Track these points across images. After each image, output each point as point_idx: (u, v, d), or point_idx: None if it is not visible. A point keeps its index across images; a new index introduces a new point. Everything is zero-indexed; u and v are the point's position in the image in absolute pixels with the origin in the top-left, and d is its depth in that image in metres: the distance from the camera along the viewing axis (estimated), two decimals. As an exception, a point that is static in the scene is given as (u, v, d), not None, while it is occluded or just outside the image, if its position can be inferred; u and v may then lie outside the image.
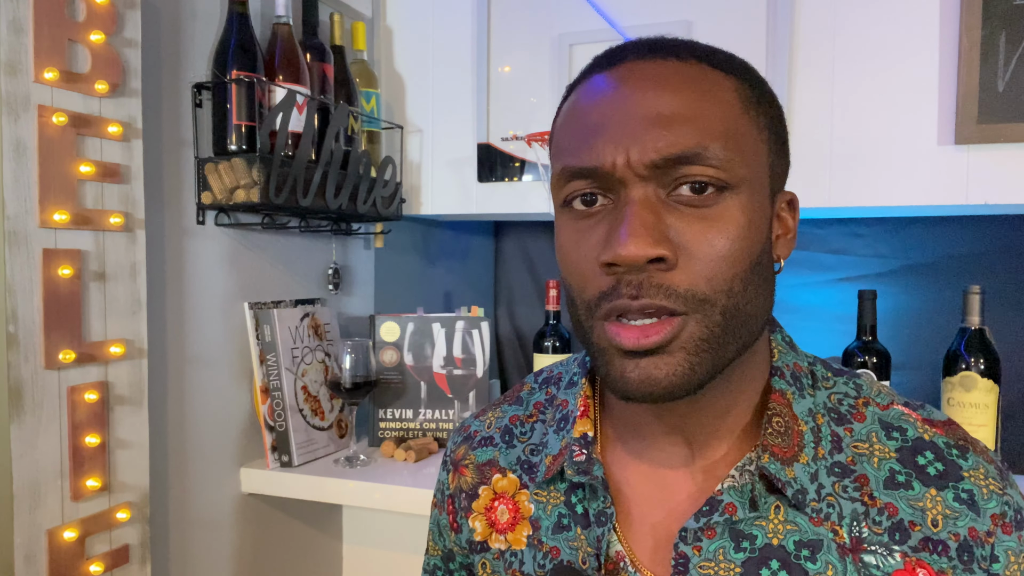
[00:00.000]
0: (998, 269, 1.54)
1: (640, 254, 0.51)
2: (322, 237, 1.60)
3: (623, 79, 0.56)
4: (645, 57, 0.57)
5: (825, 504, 0.58)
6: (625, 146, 0.53)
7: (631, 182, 0.54)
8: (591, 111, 0.56)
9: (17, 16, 0.96)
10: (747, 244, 0.54)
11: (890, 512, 0.57)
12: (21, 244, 0.97)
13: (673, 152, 0.53)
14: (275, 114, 1.27)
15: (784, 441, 0.58)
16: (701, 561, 0.57)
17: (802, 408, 0.60)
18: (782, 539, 0.57)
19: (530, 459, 0.69)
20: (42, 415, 0.99)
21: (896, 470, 0.58)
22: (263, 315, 1.40)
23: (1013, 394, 1.46)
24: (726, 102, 0.55)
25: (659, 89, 0.54)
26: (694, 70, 0.56)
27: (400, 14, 1.72)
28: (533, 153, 1.53)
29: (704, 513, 0.58)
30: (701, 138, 0.53)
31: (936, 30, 1.31)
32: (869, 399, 0.62)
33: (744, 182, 0.55)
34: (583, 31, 1.54)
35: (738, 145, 0.54)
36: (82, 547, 1.04)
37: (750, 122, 0.56)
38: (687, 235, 0.53)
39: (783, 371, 0.62)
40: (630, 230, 0.52)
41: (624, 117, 0.54)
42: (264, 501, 1.45)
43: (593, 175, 0.55)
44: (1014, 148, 1.27)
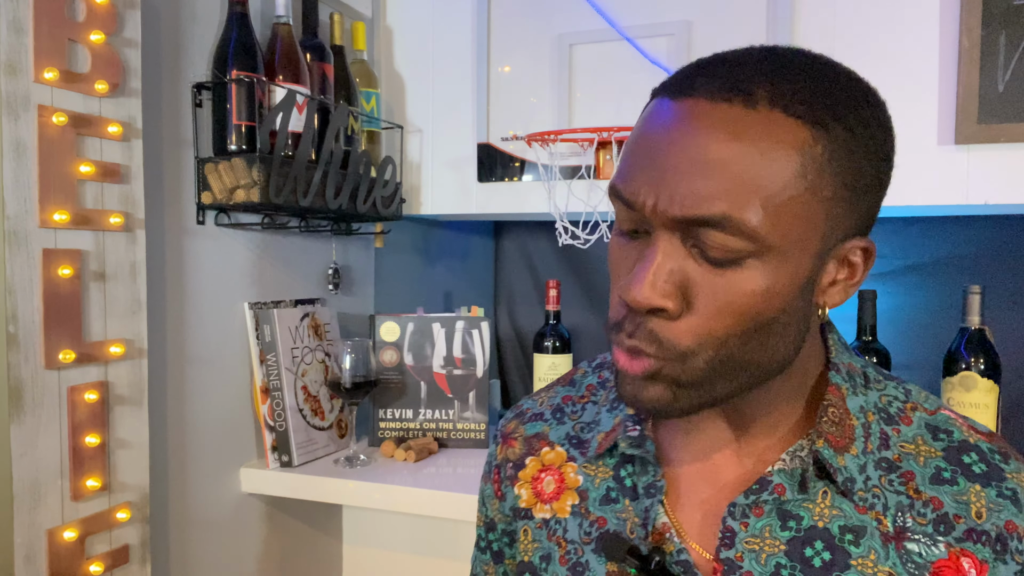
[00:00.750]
0: (998, 269, 1.54)
1: (642, 302, 0.54)
2: (322, 237, 1.60)
3: (681, 117, 0.54)
4: (712, 97, 0.53)
5: (871, 494, 0.60)
6: (656, 192, 0.53)
7: (658, 227, 0.54)
8: (644, 140, 0.56)
9: (17, 16, 0.96)
10: (759, 307, 0.54)
11: (935, 505, 0.59)
12: (21, 244, 0.97)
13: (696, 214, 0.52)
14: (275, 114, 1.27)
15: (838, 431, 0.61)
16: (747, 536, 0.60)
17: (854, 404, 0.63)
18: (827, 523, 0.59)
19: (580, 435, 0.72)
20: (42, 415, 0.99)
21: (942, 467, 0.61)
22: (263, 315, 1.40)
23: (1013, 394, 1.46)
24: (782, 161, 0.52)
25: (710, 139, 0.52)
26: (759, 121, 0.52)
27: (400, 14, 1.72)
28: (533, 153, 1.53)
29: (754, 491, 0.60)
30: (730, 206, 0.51)
31: (936, 30, 1.31)
32: (917, 404, 0.64)
33: (774, 248, 0.53)
34: (583, 31, 1.54)
35: (779, 212, 0.52)
36: (82, 547, 1.04)
37: (806, 183, 0.52)
38: (697, 290, 0.54)
39: (840, 367, 0.64)
40: (641, 276, 0.54)
41: (664, 161, 0.53)
42: (264, 501, 1.45)
43: (630, 207, 0.56)
44: (1014, 148, 1.27)
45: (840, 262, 0.58)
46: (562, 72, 1.56)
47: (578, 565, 0.67)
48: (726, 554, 0.60)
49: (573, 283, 2.03)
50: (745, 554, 0.60)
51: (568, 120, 1.55)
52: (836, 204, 0.54)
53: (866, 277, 0.60)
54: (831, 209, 0.54)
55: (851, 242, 0.57)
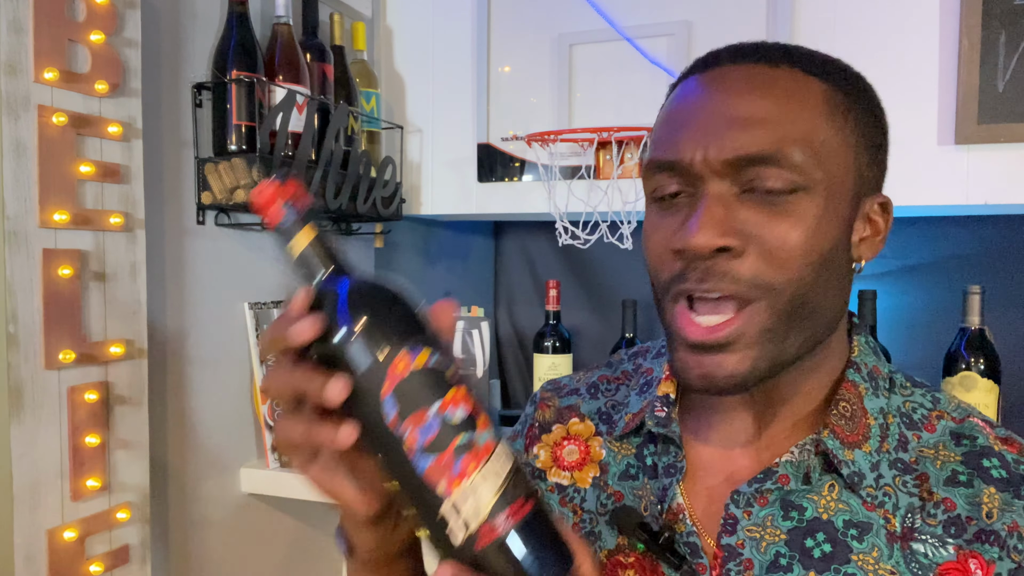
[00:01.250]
0: (998, 269, 1.54)
1: (705, 244, 0.55)
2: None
3: (712, 82, 0.60)
4: (737, 62, 0.60)
5: (881, 492, 0.60)
6: (704, 144, 0.57)
7: (707, 177, 0.57)
8: (680, 111, 0.60)
9: (17, 16, 0.96)
10: (817, 239, 0.57)
11: (947, 507, 0.59)
12: (21, 244, 0.97)
13: (748, 152, 0.56)
14: (275, 114, 1.27)
15: (849, 425, 0.61)
16: (749, 525, 0.60)
17: (874, 405, 0.63)
18: (832, 516, 0.59)
19: (610, 412, 0.74)
20: (42, 415, 0.99)
21: (958, 471, 0.60)
22: (263, 315, 1.40)
23: (1013, 394, 1.46)
24: (811, 107, 0.58)
25: (743, 92, 0.58)
26: (783, 74, 0.59)
27: (400, 14, 1.72)
28: (533, 153, 1.53)
29: (758, 480, 0.61)
30: (777, 141, 0.56)
31: (936, 30, 1.31)
32: (944, 413, 0.64)
33: (819, 184, 0.57)
34: (583, 31, 1.54)
35: (816, 150, 0.57)
36: (82, 547, 1.04)
37: (835, 127, 0.58)
38: (758, 227, 0.56)
39: (859, 367, 0.64)
40: (700, 221, 0.56)
41: (707, 117, 0.58)
42: (264, 501, 1.45)
43: (673, 168, 0.59)
44: (1014, 148, 1.27)
45: (865, 220, 0.61)
46: (562, 72, 1.56)
47: (591, 535, 0.68)
48: (727, 540, 0.61)
49: (573, 283, 2.03)
50: (746, 541, 0.60)
51: (568, 120, 1.55)
52: (859, 153, 0.60)
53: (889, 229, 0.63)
54: (856, 157, 0.59)
55: (871, 199, 0.62)
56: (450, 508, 0.48)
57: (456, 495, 0.48)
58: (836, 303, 0.61)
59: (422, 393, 0.48)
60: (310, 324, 0.47)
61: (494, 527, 0.48)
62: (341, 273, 0.51)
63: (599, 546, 0.67)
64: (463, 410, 0.49)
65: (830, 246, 0.58)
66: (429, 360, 0.48)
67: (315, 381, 0.47)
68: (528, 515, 0.49)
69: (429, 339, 0.49)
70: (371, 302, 0.49)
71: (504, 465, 0.49)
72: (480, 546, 0.48)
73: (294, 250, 0.51)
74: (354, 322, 0.48)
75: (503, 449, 0.50)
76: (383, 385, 0.48)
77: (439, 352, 0.49)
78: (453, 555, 0.49)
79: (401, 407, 0.47)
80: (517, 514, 0.48)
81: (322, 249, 0.52)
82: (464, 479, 0.48)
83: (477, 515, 0.48)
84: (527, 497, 0.50)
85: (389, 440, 0.48)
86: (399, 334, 0.48)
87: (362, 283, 0.50)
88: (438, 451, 0.47)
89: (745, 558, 0.60)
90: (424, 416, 0.48)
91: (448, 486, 0.48)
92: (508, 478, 0.49)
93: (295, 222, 0.51)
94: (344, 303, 0.49)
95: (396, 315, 0.49)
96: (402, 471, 0.49)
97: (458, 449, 0.48)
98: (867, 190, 0.61)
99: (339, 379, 0.47)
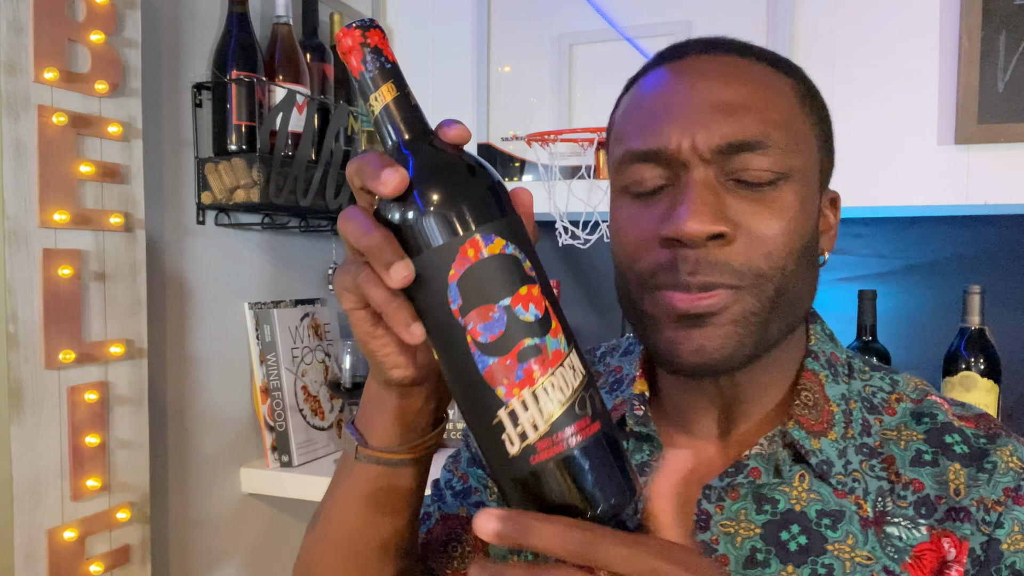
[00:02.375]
0: (998, 269, 1.54)
1: (701, 230, 0.54)
2: (322, 237, 1.60)
3: (688, 70, 0.59)
4: (708, 52, 0.60)
5: (851, 479, 0.59)
6: (691, 130, 0.56)
7: (694, 165, 0.56)
8: (656, 99, 0.59)
9: (17, 16, 0.96)
10: (799, 228, 0.57)
11: (915, 487, 0.58)
12: (21, 244, 0.97)
13: (738, 138, 0.55)
14: (275, 114, 1.27)
15: (812, 414, 0.61)
16: (723, 519, 0.60)
17: (835, 392, 0.63)
18: (804, 506, 0.59)
19: None
20: (42, 415, 0.99)
21: (923, 450, 0.60)
22: (263, 315, 1.40)
23: (1013, 394, 1.46)
24: (785, 96, 0.59)
25: (724, 80, 0.58)
26: (755, 67, 0.59)
27: (400, 14, 1.72)
28: (533, 153, 1.53)
29: (729, 474, 0.60)
30: (764, 127, 0.56)
31: (936, 30, 1.31)
32: (903, 395, 0.64)
33: (798, 172, 0.57)
34: (583, 31, 1.54)
35: (795, 137, 0.58)
36: (82, 547, 1.04)
37: (805, 118, 0.59)
38: (745, 215, 0.56)
39: (818, 355, 0.64)
40: (691, 208, 0.54)
41: (691, 104, 0.57)
42: (264, 501, 1.45)
43: (656, 157, 0.57)
44: (1014, 148, 1.27)
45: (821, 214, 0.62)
46: (562, 72, 1.56)
47: None
48: (701, 537, 0.60)
49: (573, 283, 2.03)
50: (720, 537, 0.59)
51: (568, 120, 1.55)
52: (820, 143, 0.61)
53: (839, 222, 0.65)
54: (818, 150, 0.61)
55: (825, 193, 0.63)
56: (508, 414, 0.43)
57: (517, 401, 0.43)
58: (810, 293, 0.61)
59: (492, 283, 0.43)
60: (400, 177, 0.43)
61: (555, 442, 0.43)
62: (420, 140, 0.47)
63: None
64: (535, 310, 0.44)
65: (808, 236, 0.58)
66: (504, 248, 0.44)
67: (384, 252, 0.43)
68: (595, 436, 0.44)
69: (507, 227, 0.45)
70: (450, 177, 0.45)
71: (574, 378, 0.44)
72: (536, 460, 0.43)
73: (374, 107, 0.47)
74: (427, 195, 0.44)
75: (575, 361, 0.45)
76: (451, 269, 0.43)
77: (516, 242, 0.45)
78: (505, 467, 0.44)
79: (467, 295, 0.43)
80: (583, 432, 0.43)
81: (404, 111, 0.47)
82: (528, 385, 0.43)
83: (537, 426, 0.43)
84: (595, 418, 0.44)
85: (451, 330, 0.44)
86: (475, 216, 0.44)
87: (443, 155, 0.46)
88: (503, 350, 0.43)
89: (720, 554, 0.59)
90: (492, 309, 0.43)
91: (509, 390, 0.43)
92: (577, 393, 0.44)
93: (378, 74, 0.47)
94: (420, 173, 0.44)
95: (475, 195, 0.44)
96: (461, 367, 0.44)
97: (525, 351, 0.43)
98: (824, 183, 0.62)
99: (405, 261, 0.43)
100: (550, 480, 0.43)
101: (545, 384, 0.43)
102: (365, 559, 0.59)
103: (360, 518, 0.58)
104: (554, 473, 0.43)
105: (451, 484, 0.76)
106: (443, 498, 0.75)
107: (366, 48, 0.47)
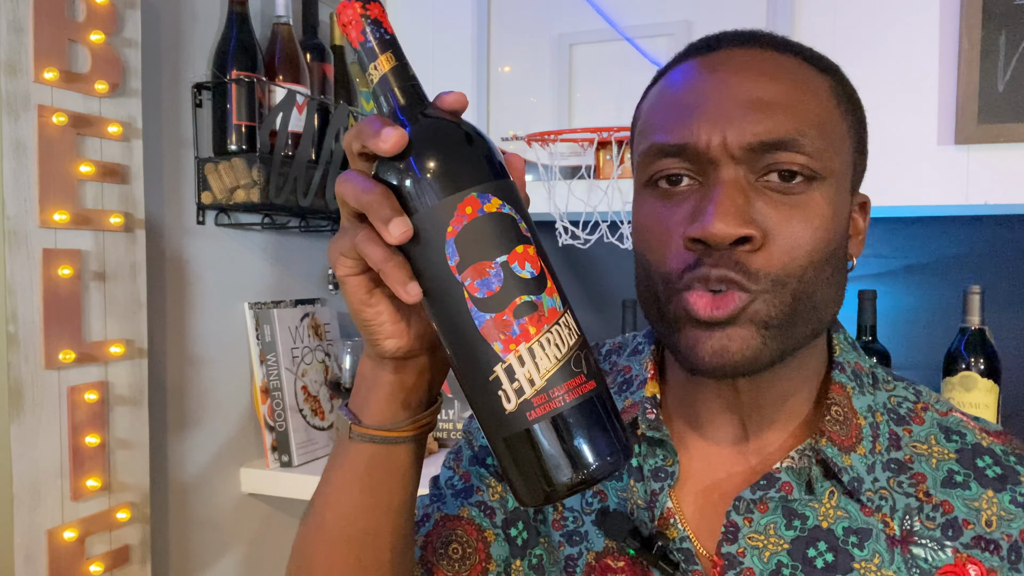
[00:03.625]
0: (998, 269, 1.54)
1: (728, 232, 0.52)
2: (322, 237, 1.60)
3: (721, 64, 0.57)
4: (743, 46, 0.58)
5: (878, 496, 0.58)
6: (722, 127, 0.54)
7: (723, 163, 0.54)
8: (687, 92, 0.57)
9: (17, 16, 0.96)
10: (827, 235, 0.55)
11: (945, 509, 0.58)
12: (21, 244, 0.97)
13: (771, 137, 0.54)
14: (275, 114, 1.27)
15: (842, 430, 0.59)
16: (751, 532, 0.58)
17: (861, 404, 0.61)
18: (832, 523, 0.58)
19: None
20: (42, 415, 0.99)
21: (955, 471, 0.59)
22: (263, 315, 1.40)
23: (1013, 394, 1.46)
24: (821, 95, 0.57)
25: (758, 76, 0.56)
26: (791, 62, 0.57)
27: (400, 14, 1.72)
28: (533, 153, 1.53)
29: (761, 487, 0.59)
30: (798, 126, 0.54)
31: (936, 30, 1.31)
32: (928, 405, 0.63)
33: (832, 174, 0.56)
34: (583, 31, 1.54)
35: (830, 137, 0.56)
36: (82, 547, 1.04)
37: (841, 117, 0.57)
38: (773, 219, 0.54)
39: (844, 366, 0.63)
40: (720, 209, 0.52)
41: (722, 99, 0.55)
42: (264, 501, 1.45)
43: (683, 153, 0.55)
44: (1014, 148, 1.27)
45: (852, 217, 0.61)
46: (562, 72, 1.56)
47: (576, 534, 0.66)
48: (728, 548, 0.59)
49: (573, 283, 2.03)
50: (748, 550, 0.58)
51: (568, 120, 1.55)
52: (855, 144, 0.59)
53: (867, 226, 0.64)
54: (854, 148, 0.59)
55: (855, 197, 0.61)
56: (505, 369, 0.44)
57: (513, 356, 0.44)
58: (837, 299, 0.59)
59: (489, 240, 0.44)
60: (399, 134, 0.44)
61: (551, 398, 0.44)
62: (417, 108, 0.48)
63: (586, 547, 0.65)
64: (531, 268, 0.45)
65: (837, 242, 0.57)
66: (501, 208, 0.45)
67: (383, 208, 0.44)
68: (590, 394, 0.45)
69: (503, 188, 0.46)
70: (447, 139, 0.46)
71: (570, 336, 0.45)
72: (533, 415, 0.44)
73: (373, 76, 0.48)
74: (425, 156, 0.45)
75: (570, 321, 0.46)
76: (448, 226, 0.44)
77: (511, 203, 0.46)
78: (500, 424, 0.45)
79: (465, 252, 0.44)
80: (578, 390, 0.44)
81: (402, 80, 0.48)
82: (524, 341, 0.44)
83: (534, 381, 0.44)
84: (590, 376, 0.45)
85: (449, 287, 0.45)
86: (473, 176, 0.45)
87: (441, 120, 0.47)
88: (500, 306, 0.44)
89: (746, 567, 0.58)
90: (489, 266, 0.44)
91: (505, 345, 0.44)
92: (572, 351, 0.45)
93: (376, 44, 0.48)
94: (419, 135, 0.46)
95: (471, 156, 0.46)
96: (458, 324, 0.45)
97: (521, 307, 0.44)
98: (856, 185, 0.61)
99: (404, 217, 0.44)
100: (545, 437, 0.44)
101: (541, 340, 0.44)
102: (360, 544, 0.58)
103: (354, 501, 0.57)
104: (549, 430, 0.44)
105: (452, 482, 0.75)
106: (443, 498, 0.74)
107: (366, 20, 0.48)
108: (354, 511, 0.57)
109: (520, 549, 0.69)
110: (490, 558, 0.69)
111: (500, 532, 0.70)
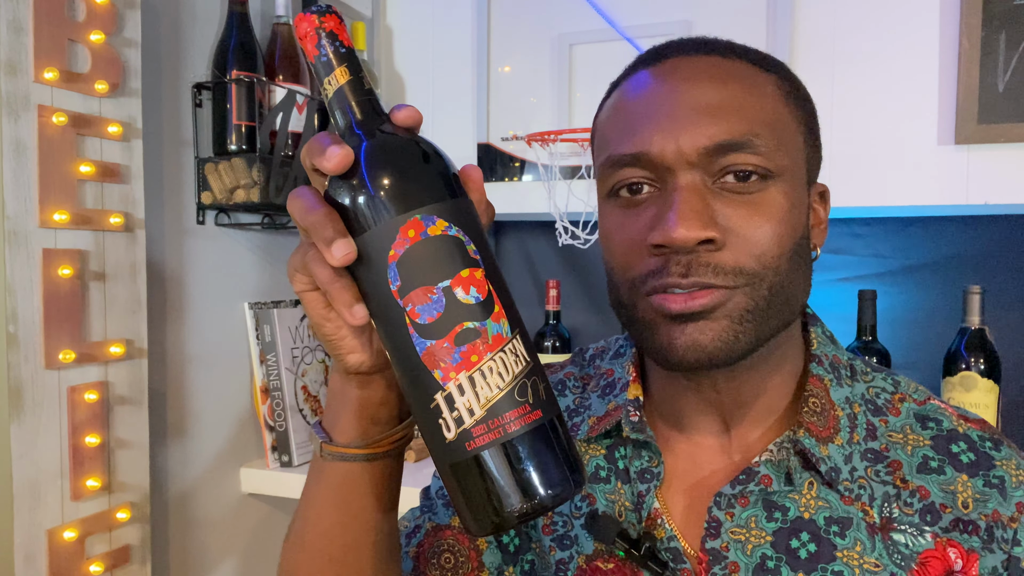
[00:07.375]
0: (998, 269, 1.54)
1: (690, 236, 0.53)
2: (322, 237, 1.59)
3: (670, 73, 0.59)
4: (689, 54, 0.60)
5: (857, 485, 0.59)
6: (675, 134, 0.55)
7: (679, 169, 0.56)
8: (639, 103, 0.59)
9: (17, 16, 0.96)
10: (789, 227, 0.57)
11: (922, 495, 0.59)
12: (21, 244, 0.97)
13: (723, 139, 0.55)
14: (275, 114, 1.27)
15: (820, 421, 0.60)
16: (733, 527, 0.59)
17: (839, 396, 0.62)
18: (813, 514, 0.59)
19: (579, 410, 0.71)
20: (42, 415, 0.99)
21: (929, 456, 0.60)
22: (263, 315, 1.40)
23: (1013, 394, 1.46)
24: (769, 95, 0.58)
25: (706, 82, 0.57)
26: (737, 66, 0.59)
27: (400, 14, 1.72)
28: (533, 153, 1.53)
29: (740, 481, 0.60)
30: (749, 127, 0.55)
31: (936, 30, 1.31)
32: (906, 395, 0.64)
33: (786, 171, 0.57)
34: (583, 31, 1.54)
35: (780, 136, 0.57)
36: (82, 547, 1.04)
37: (790, 114, 0.59)
38: (733, 219, 0.55)
39: (821, 359, 0.64)
40: (680, 214, 0.54)
41: (673, 107, 0.56)
42: (264, 501, 1.45)
43: (640, 162, 0.57)
44: (1014, 148, 1.27)
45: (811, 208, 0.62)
46: (562, 72, 1.56)
47: (566, 538, 0.66)
48: (711, 544, 0.59)
49: (573, 283, 2.03)
50: (731, 544, 0.59)
51: (568, 120, 1.55)
52: (807, 138, 0.61)
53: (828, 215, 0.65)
54: (804, 144, 0.60)
55: (814, 187, 0.63)
56: (445, 398, 0.43)
57: (453, 384, 0.42)
58: (805, 287, 0.61)
59: (432, 265, 0.43)
60: (344, 153, 0.44)
61: (492, 428, 0.42)
62: (372, 123, 0.47)
63: (577, 550, 0.65)
64: (476, 293, 0.43)
65: (799, 234, 0.58)
66: (447, 230, 0.43)
67: (326, 229, 0.44)
68: (535, 424, 0.43)
69: (452, 209, 0.44)
70: (395, 158, 0.45)
71: (516, 364, 0.43)
72: (472, 446, 0.42)
73: (328, 90, 0.47)
74: (370, 176, 0.44)
75: (518, 347, 0.44)
76: (391, 250, 0.43)
77: (460, 225, 0.44)
78: (443, 453, 0.44)
79: (406, 276, 0.43)
80: (522, 420, 0.42)
81: (357, 94, 0.47)
82: (465, 369, 0.42)
83: (473, 411, 0.42)
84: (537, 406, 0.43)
85: (392, 312, 0.44)
86: (418, 197, 0.43)
87: (393, 137, 0.46)
88: (441, 333, 0.43)
89: (730, 561, 0.59)
90: (431, 291, 0.43)
91: (446, 373, 0.42)
92: (518, 379, 0.43)
93: (332, 57, 0.47)
94: (366, 154, 0.45)
95: (419, 175, 0.44)
96: (401, 349, 0.44)
97: (463, 334, 0.43)
98: (812, 178, 0.62)
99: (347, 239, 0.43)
100: (486, 467, 0.43)
101: (483, 368, 0.43)
102: (341, 562, 0.58)
103: (331, 519, 0.57)
104: (491, 459, 0.43)
105: (442, 492, 0.75)
106: (433, 509, 0.74)
107: (321, 32, 0.47)
108: (332, 528, 0.57)
109: (512, 556, 0.70)
110: (483, 566, 0.70)
111: (492, 540, 0.70)
